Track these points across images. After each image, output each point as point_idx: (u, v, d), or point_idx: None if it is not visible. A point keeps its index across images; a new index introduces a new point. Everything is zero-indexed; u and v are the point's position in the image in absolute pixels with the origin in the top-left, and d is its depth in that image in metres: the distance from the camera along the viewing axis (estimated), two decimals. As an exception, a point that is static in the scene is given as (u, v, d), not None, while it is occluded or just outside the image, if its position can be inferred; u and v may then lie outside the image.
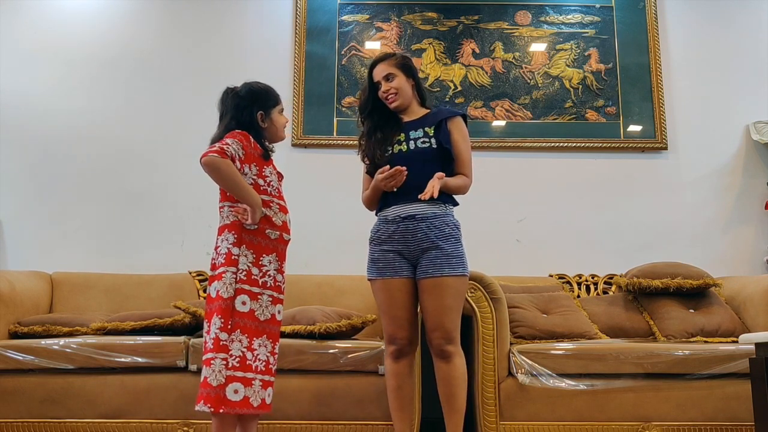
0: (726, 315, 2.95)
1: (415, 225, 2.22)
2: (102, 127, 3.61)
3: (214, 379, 1.96)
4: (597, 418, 2.53)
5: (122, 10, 3.74)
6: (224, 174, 2.01)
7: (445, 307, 2.19)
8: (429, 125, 2.31)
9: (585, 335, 2.83)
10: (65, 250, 3.47)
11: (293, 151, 3.59)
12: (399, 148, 2.29)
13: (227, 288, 2.01)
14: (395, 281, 2.24)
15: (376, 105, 2.38)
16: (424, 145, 2.27)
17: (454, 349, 2.21)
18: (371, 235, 2.33)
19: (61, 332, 2.79)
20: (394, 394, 2.27)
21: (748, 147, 3.67)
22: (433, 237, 2.20)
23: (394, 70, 2.34)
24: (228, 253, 2.05)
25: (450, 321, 2.20)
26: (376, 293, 2.29)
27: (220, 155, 1.99)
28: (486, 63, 3.71)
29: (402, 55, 2.41)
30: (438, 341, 2.20)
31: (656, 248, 3.47)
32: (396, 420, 2.28)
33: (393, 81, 2.33)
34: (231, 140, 2.05)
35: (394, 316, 2.24)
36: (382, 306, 2.27)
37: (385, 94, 2.35)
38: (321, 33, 3.72)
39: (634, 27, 3.76)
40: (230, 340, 1.98)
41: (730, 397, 2.54)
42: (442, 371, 2.22)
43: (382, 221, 2.30)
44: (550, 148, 3.65)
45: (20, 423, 2.55)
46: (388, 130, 2.33)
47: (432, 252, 2.20)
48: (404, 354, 2.26)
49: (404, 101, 2.35)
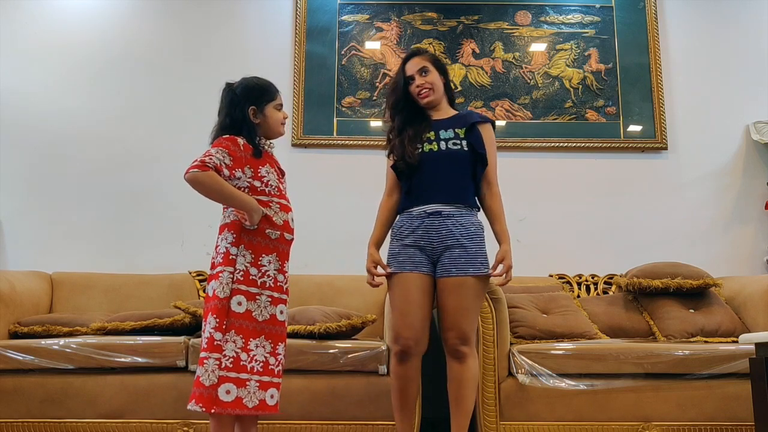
0: (726, 315, 2.95)
1: (440, 221, 2.20)
2: (102, 127, 3.61)
3: (207, 379, 1.94)
4: (597, 418, 2.53)
5: (122, 10, 3.74)
6: (208, 187, 2.01)
7: (465, 308, 2.16)
8: (460, 126, 2.29)
9: (585, 335, 2.83)
10: (65, 250, 3.47)
11: (293, 151, 3.59)
12: (429, 147, 2.26)
13: (223, 288, 2.01)
14: (413, 276, 2.20)
15: (408, 101, 2.35)
16: (456, 147, 2.25)
17: (468, 350, 2.18)
18: (393, 231, 2.30)
19: (61, 332, 2.80)
20: (397, 395, 2.25)
21: (748, 147, 3.67)
22: (458, 234, 2.19)
23: (428, 64, 2.32)
24: (226, 252, 2.04)
25: (467, 322, 2.18)
26: (392, 288, 2.25)
27: (200, 169, 1.99)
28: (486, 63, 3.71)
29: (433, 54, 2.41)
30: (453, 341, 2.17)
31: (656, 248, 3.47)
32: (397, 420, 2.27)
33: (428, 75, 2.31)
34: (215, 150, 2.04)
35: (404, 312, 2.19)
36: (394, 301, 2.23)
37: (418, 89, 2.32)
38: (321, 33, 3.72)
39: (634, 27, 3.76)
40: (224, 341, 1.97)
41: (730, 397, 2.54)
42: (454, 371, 2.20)
43: (406, 217, 2.27)
44: (550, 148, 3.65)
45: (20, 423, 2.55)
46: (419, 126, 2.31)
47: (455, 250, 2.18)
48: (409, 356, 2.20)
49: (436, 98, 2.33)
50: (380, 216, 2.35)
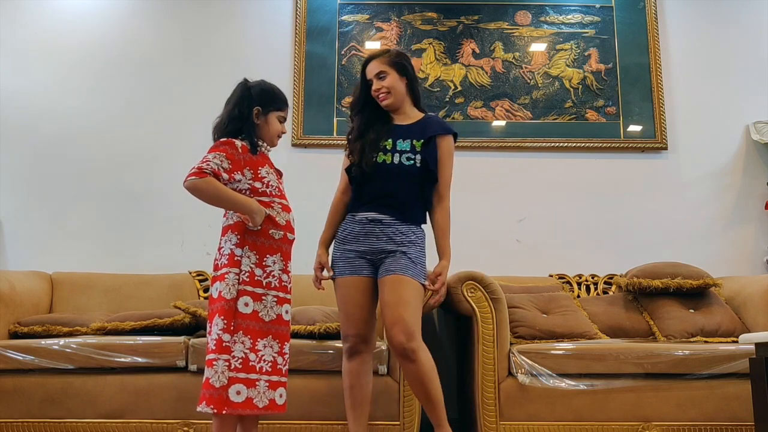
0: (726, 315, 2.95)
1: (380, 229, 2.22)
2: (102, 127, 3.61)
3: (217, 381, 1.96)
4: (597, 418, 2.53)
5: (122, 10, 3.74)
6: (207, 193, 2.02)
7: (405, 300, 2.13)
8: (418, 138, 2.26)
9: (585, 335, 2.83)
10: (65, 250, 3.47)
11: (293, 151, 3.59)
12: (383, 157, 2.25)
13: (230, 289, 2.01)
14: (352, 279, 2.23)
15: (369, 102, 2.34)
16: (409, 162, 2.23)
17: (416, 344, 2.11)
18: (338, 233, 2.32)
19: (61, 332, 2.79)
20: (348, 393, 2.25)
21: (748, 147, 3.67)
22: (398, 240, 2.20)
23: (385, 68, 2.29)
24: (231, 254, 2.05)
25: (409, 314, 2.12)
26: (336, 291, 2.29)
27: (198, 176, 1.99)
28: (486, 63, 3.71)
29: (397, 52, 2.34)
30: (399, 338, 2.10)
31: (656, 248, 3.47)
32: (349, 419, 2.26)
33: (384, 80, 2.29)
34: (212, 155, 2.04)
35: (346, 313, 2.24)
36: (338, 304, 2.28)
37: (376, 93, 2.31)
38: (321, 33, 3.72)
39: (634, 27, 3.76)
40: (233, 342, 1.98)
41: (730, 397, 2.54)
42: (411, 372, 2.15)
43: (349, 220, 2.29)
44: (550, 148, 3.65)
45: (20, 423, 2.55)
46: (380, 128, 2.30)
47: (397, 254, 2.18)
48: (356, 352, 2.24)
49: (396, 100, 2.31)
50: (331, 215, 2.37)
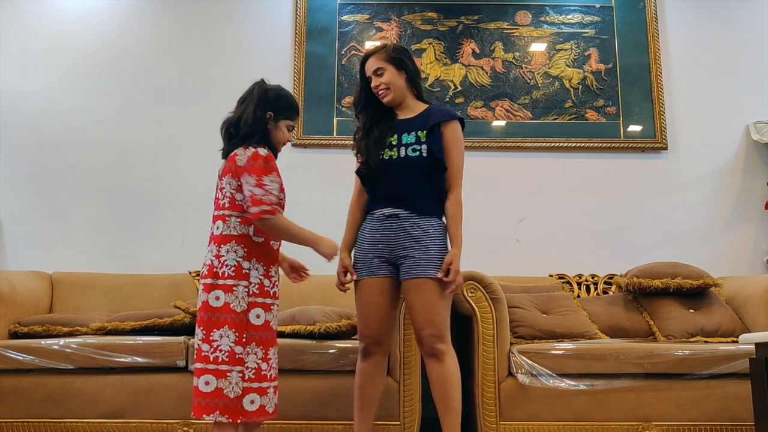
0: (726, 315, 2.95)
1: (398, 223, 2.21)
2: (102, 127, 3.61)
3: (231, 392, 1.96)
4: (597, 418, 2.53)
5: (122, 10, 3.74)
6: (277, 230, 2.04)
7: (433, 304, 2.14)
8: (422, 128, 2.24)
9: (585, 335, 2.83)
10: (65, 250, 3.47)
11: (293, 151, 3.58)
12: (390, 154, 2.24)
13: (240, 302, 2.01)
14: (370, 280, 2.23)
15: (370, 99, 2.33)
16: (415, 154, 2.21)
17: (445, 347, 2.16)
18: (358, 235, 2.32)
19: (61, 332, 2.80)
20: (357, 393, 2.27)
21: (748, 147, 3.67)
22: (416, 235, 2.18)
23: (383, 64, 2.26)
24: (237, 266, 2.03)
25: (439, 318, 2.15)
26: (355, 293, 2.29)
27: (272, 214, 1.99)
28: (486, 63, 3.71)
29: (394, 47, 2.30)
30: (429, 339, 2.15)
31: (656, 248, 3.47)
32: (355, 418, 2.27)
33: (383, 76, 2.27)
34: (268, 179, 2.01)
35: (363, 313, 2.25)
36: (356, 305, 2.28)
37: (375, 90, 2.29)
38: (321, 33, 3.72)
39: (634, 27, 3.76)
40: (245, 353, 1.99)
41: (730, 397, 2.54)
42: (435, 372, 2.18)
43: (368, 219, 2.30)
44: (550, 148, 3.65)
45: (20, 423, 2.54)
46: (384, 126, 2.29)
47: (416, 252, 2.17)
48: (370, 354, 2.25)
49: (396, 96, 2.29)
50: (350, 218, 2.38)
